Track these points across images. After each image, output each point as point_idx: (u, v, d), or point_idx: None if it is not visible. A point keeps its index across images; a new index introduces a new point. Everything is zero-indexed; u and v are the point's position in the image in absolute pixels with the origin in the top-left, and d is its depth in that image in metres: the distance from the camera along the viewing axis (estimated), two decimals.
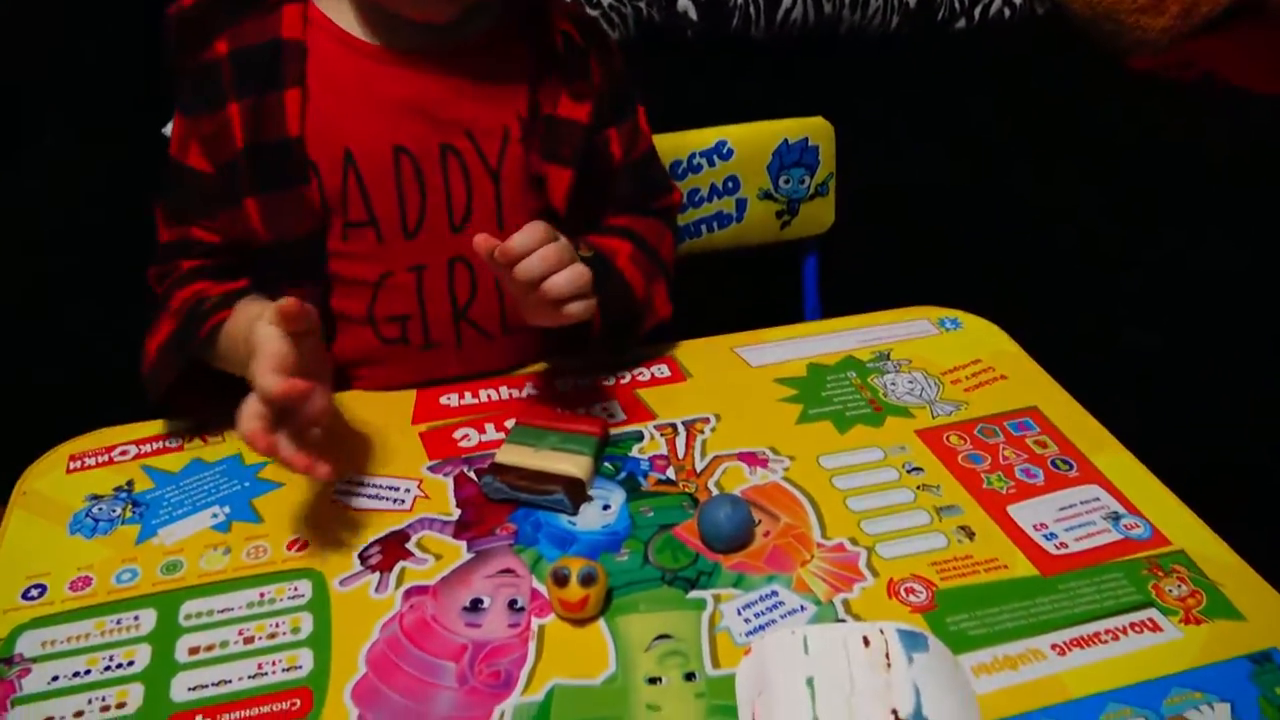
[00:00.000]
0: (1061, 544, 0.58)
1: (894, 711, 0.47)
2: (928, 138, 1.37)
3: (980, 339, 0.76)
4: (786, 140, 1.04)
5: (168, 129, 1.22)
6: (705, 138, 1.03)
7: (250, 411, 0.55)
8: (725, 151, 1.03)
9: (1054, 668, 0.51)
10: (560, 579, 0.53)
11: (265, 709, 0.49)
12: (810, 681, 0.48)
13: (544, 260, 0.60)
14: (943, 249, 1.22)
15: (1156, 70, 1.48)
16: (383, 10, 0.67)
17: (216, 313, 0.65)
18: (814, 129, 1.04)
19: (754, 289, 0.86)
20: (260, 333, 0.56)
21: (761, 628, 0.53)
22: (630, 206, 0.80)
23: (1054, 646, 0.52)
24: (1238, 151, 1.32)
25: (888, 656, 0.49)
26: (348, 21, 0.69)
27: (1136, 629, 0.53)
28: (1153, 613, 0.54)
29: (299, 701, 0.49)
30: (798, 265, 1.13)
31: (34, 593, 0.56)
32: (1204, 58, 1.46)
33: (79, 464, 0.65)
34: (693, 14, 1.42)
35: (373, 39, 0.68)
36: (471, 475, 0.63)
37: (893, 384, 0.71)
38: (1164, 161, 1.30)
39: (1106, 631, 0.53)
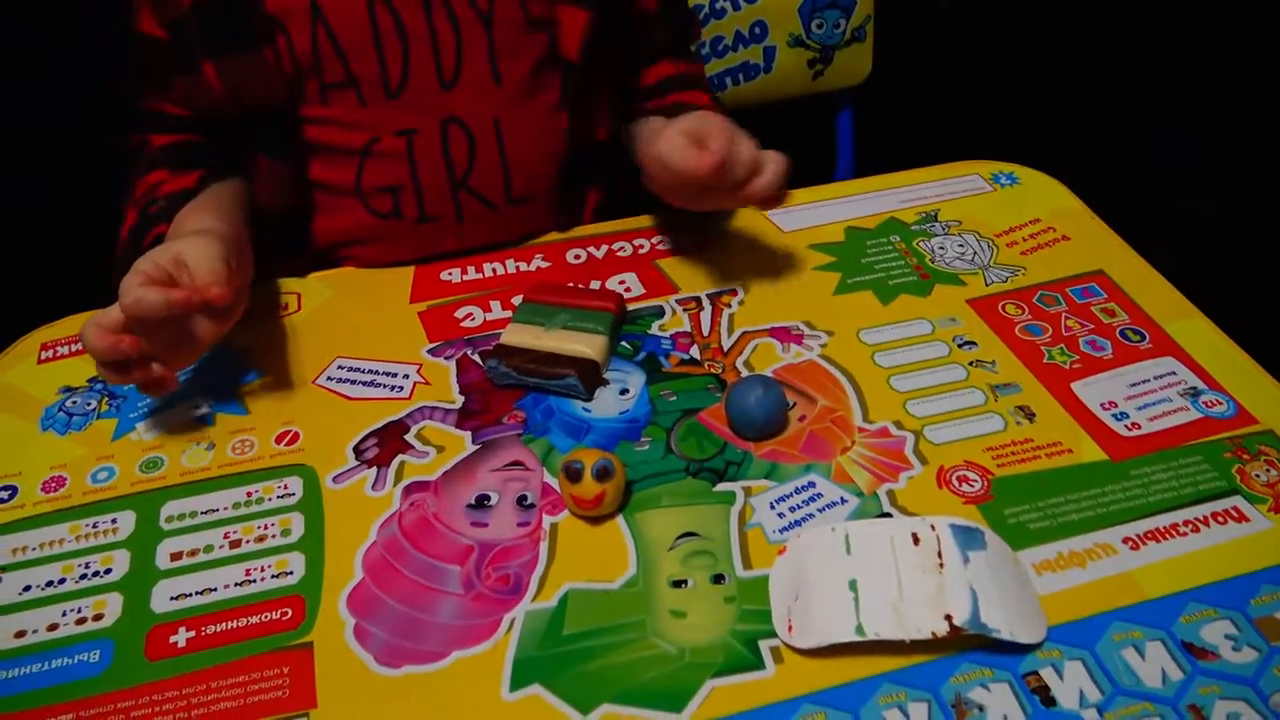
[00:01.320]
0: (1133, 424, 0.52)
1: (948, 617, 0.42)
2: None
3: (1039, 195, 0.68)
4: None
5: None
6: None
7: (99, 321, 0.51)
8: None
9: (1126, 564, 0.45)
10: (573, 473, 0.47)
11: (254, 619, 0.45)
12: (853, 584, 0.43)
13: (745, 166, 0.56)
14: (993, 108, 1.12)
15: None
16: None
17: (158, 223, 0.60)
18: None
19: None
20: (124, 283, 0.50)
21: (797, 523, 0.47)
22: (664, 51, 0.73)
23: (1126, 540, 0.46)
24: None
25: (940, 556, 0.44)
26: None
27: (1220, 519, 0.47)
28: (1238, 500, 0.48)
29: (290, 611, 0.45)
30: (831, 123, 1.04)
31: (3, 495, 0.51)
32: None
33: (51, 353, 0.60)
34: None
35: None
36: (475, 358, 0.58)
37: (941, 248, 0.64)
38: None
39: (1185, 523, 0.47)
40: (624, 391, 0.55)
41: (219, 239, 0.54)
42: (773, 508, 0.48)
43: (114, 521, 0.50)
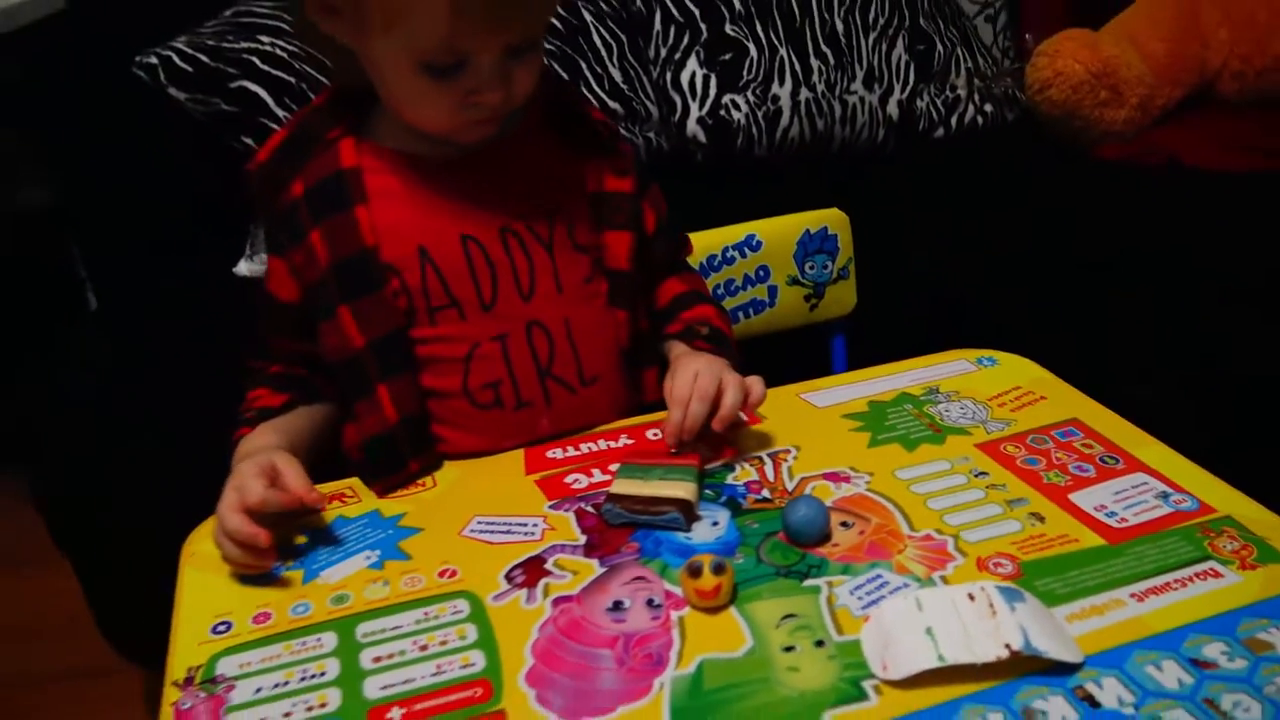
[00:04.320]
0: (1122, 519, 0.66)
1: (1007, 645, 0.54)
2: (925, 232, 1.50)
3: (1016, 370, 0.86)
4: (808, 230, 1.16)
5: (239, 268, 1.34)
6: (735, 233, 1.14)
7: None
8: (755, 243, 1.14)
9: (1135, 611, 0.58)
10: (694, 570, 0.60)
11: (453, 697, 0.55)
12: (930, 631, 0.55)
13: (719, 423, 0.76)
14: (958, 323, 1.32)
15: (1124, 158, 1.63)
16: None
17: (243, 427, 0.78)
18: (832, 219, 1.16)
19: (790, 369, 0.95)
20: (246, 485, 0.67)
21: (874, 602, 0.60)
22: (665, 264, 0.92)
23: (1132, 595, 0.59)
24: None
25: (992, 606, 0.56)
26: (401, 141, 0.78)
27: (1201, 577, 0.60)
28: (1212, 563, 0.61)
29: (480, 690, 0.56)
30: (827, 347, 1.23)
31: (221, 627, 0.62)
32: (1166, 143, 1.61)
33: None
34: (701, 137, 1.57)
35: (427, 151, 0.78)
36: (589, 509, 0.71)
37: (946, 410, 0.80)
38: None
39: (1176, 581, 0.60)
40: (715, 524, 0.69)
41: (293, 455, 0.71)
42: (852, 594, 0.61)
43: (319, 640, 0.61)
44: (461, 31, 0.68)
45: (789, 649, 0.57)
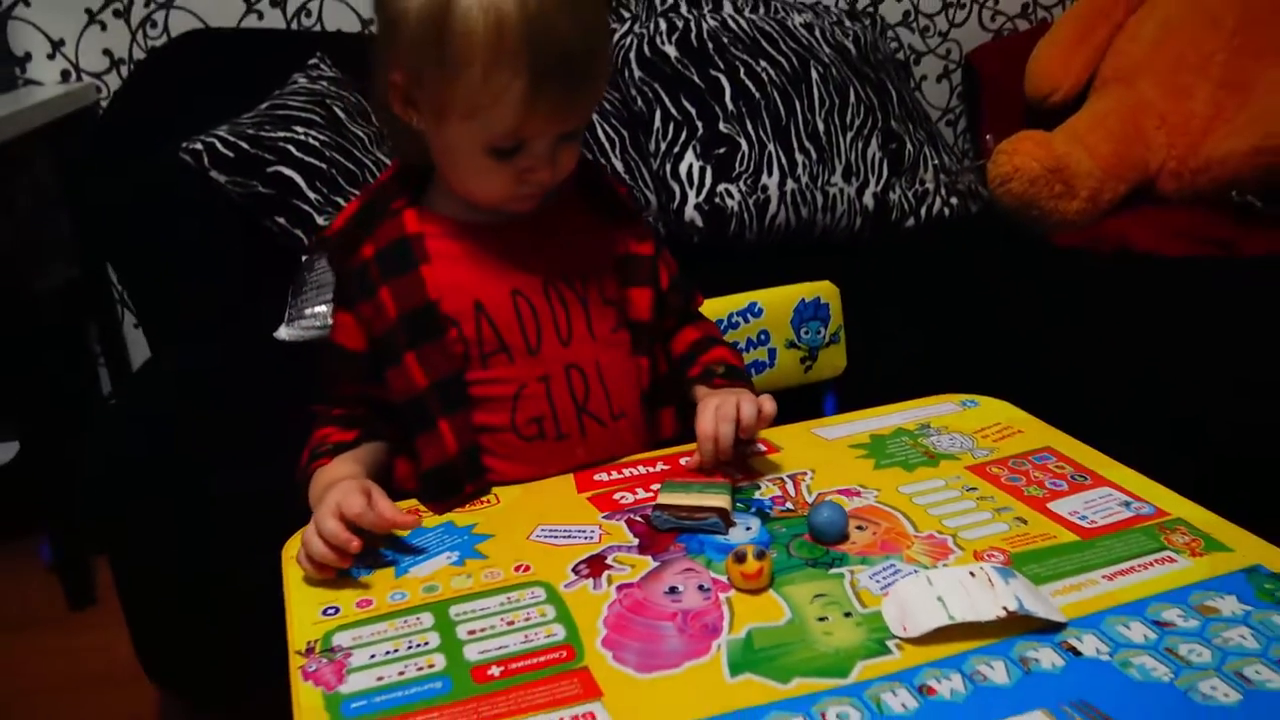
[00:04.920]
0: (1092, 521, 0.78)
1: (1005, 608, 0.65)
2: (903, 307, 1.65)
3: (996, 410, 0.99)
4: (804, 299, 1.30)
5: (280, 332, 1.45)
6: (739, 301, 1.28)
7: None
8: (756, 310, 1.28)
9: (1106, 588, 0.70)
10: (740, 556, 0.71)
11: (544, 658, 0.65)
12: (940, 599, 0.67)
13: (744, 431, 0.88)
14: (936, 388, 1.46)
15: (1078, 245, 1.80)
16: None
17: (323, 459, 0.88)
18: (824, 290, 1.30)
19: (786, 424, 1.08)
20: (347, 501, 0.77)
21: (890, 583, 0.71)
22: (681, 314, 1.05)
23: (1104, 576, 0.71)
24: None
25: (990, 581, 0.68)
26: (455, 210, 0.91)
27: (1159, 562, 0.72)
28: (1168, 552, 0.74)
29: (565, 652, 0.66)
30: (820, 406, 1.35)
31: (330, 611, 0.72)
32: (1116, 232, 1.79)
33: None
34: (699, 222, 1.72)
35: (479, 218, 0.91)
36: (639, 518, 0.82)
37: (938, 441, 0.92)
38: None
39: (1139, 565, 0.72)
40: (748, 529, 0.80)
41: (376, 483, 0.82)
42: (871, 578, 0.72)
43: (418, 619, 0.70)
44: (529, 123, 0.82)
45: (822, 619, 0.68)
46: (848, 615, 0.68)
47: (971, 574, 0.69)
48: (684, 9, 1.94)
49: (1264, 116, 1.75)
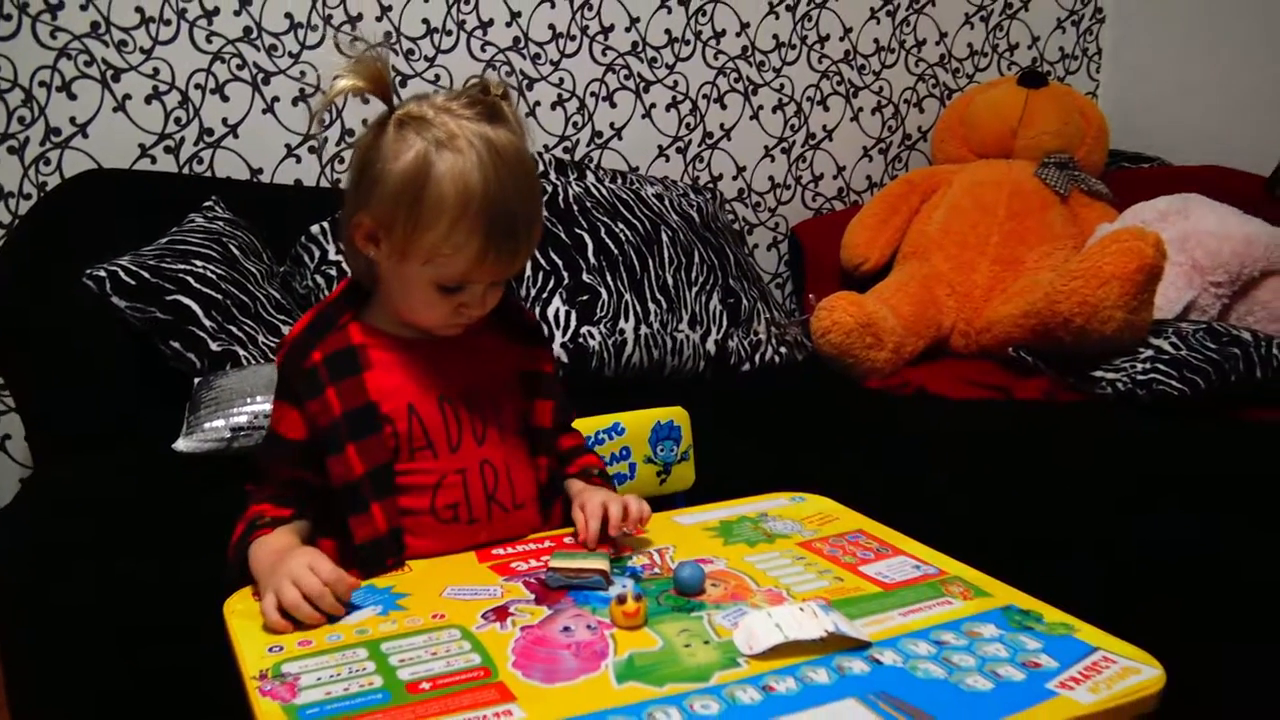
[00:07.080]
0: (891, 579, 1.00)
1: (825, 630, 0.85)
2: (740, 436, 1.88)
3: (818, 504, 1.21)
4: (659, 421, 1.51)
5: (178, 444, 1.55)
6: (604, 421, 1.47)
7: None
8: (619, 429, 1.48)
9: (901, 621, 0.91)
10: (621, 599, 0.89)
11: (465, 676, 0.80)
12: (778, 625, 0.86)
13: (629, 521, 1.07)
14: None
15: (884, 388, 2.10)
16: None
17: (263, 530, 1.02)
18: (677, 414, 1.52)
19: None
20: (330, 574, 0.92)
21: (739, 620, 0.90)
22: (562, 425, 1.23)
23: (899, 613, 0.92)
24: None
25: (815, 613, 0.88)
26: (392, 326, 1.10)
27: (940, 604, 0.94)
28: (947, 598, 0.96)
29: (482, 672, 0.81)
30: None
31: (275, 649, 0.85)
32: (916, 378, 2.11)
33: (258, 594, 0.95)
34: (564, 358, 1.93)
35: (413, 335, 1.09)
36: (534, 579, 0.98)
37: (773, 525, 1.13)
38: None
39: (925, 606, 0.94)
40: (624, 586, 0.97)
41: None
42: (725, 617, 0.91)
43: (355, 652, 0.84)
44: (477, 271, 1.02)
45: (687, 645, 0.86)
46: (706, 643, 0.87)
47: (801, 609, 0.89)
48: (553, 176, 2.21)
49: (1029, 289, 2.13)
